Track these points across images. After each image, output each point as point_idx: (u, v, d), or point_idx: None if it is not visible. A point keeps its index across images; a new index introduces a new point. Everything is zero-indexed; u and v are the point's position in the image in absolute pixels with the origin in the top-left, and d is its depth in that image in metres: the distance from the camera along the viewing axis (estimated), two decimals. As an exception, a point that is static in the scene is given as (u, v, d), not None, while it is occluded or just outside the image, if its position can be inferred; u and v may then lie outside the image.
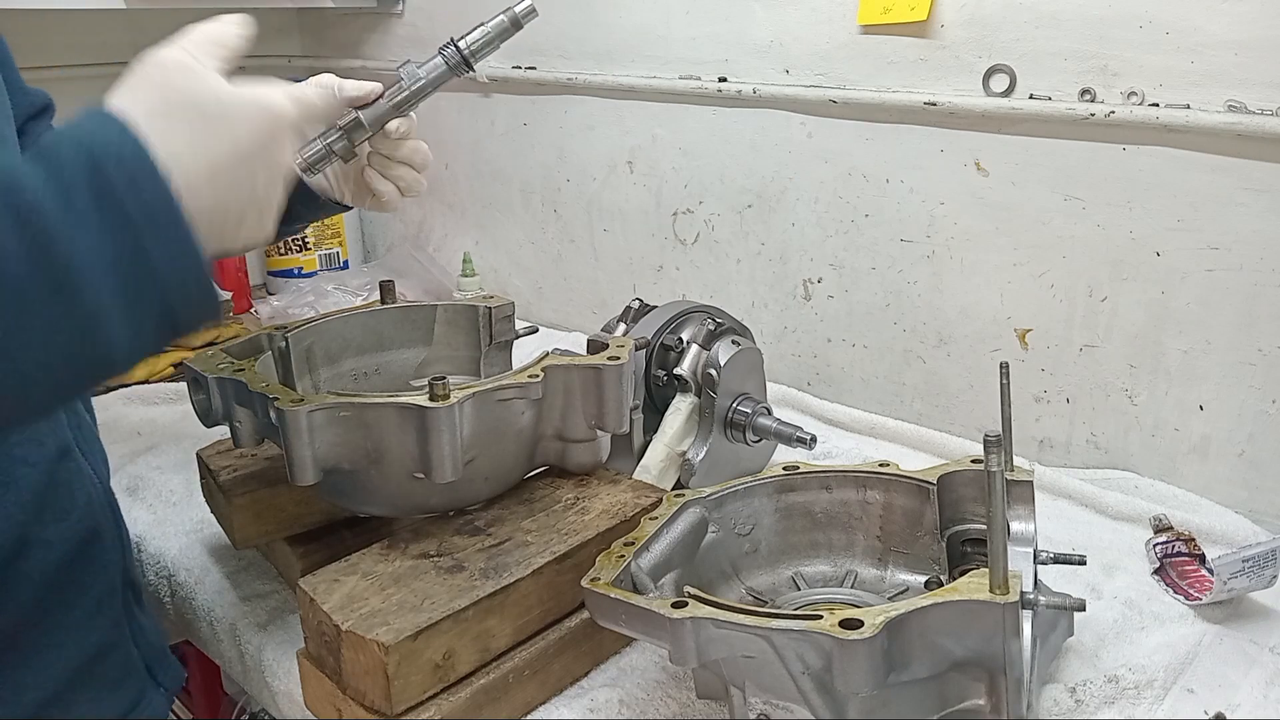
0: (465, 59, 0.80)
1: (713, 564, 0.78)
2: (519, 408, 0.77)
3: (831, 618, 0.56)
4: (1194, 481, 1.03)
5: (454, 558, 0.73)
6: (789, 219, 1.28)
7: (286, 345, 0.87)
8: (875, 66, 1.14)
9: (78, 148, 0.48)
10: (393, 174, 0.81)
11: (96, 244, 0.47)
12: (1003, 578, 0.56)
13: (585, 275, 1.57)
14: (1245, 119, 0.90)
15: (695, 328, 1.01)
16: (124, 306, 0.48)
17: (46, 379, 0.47)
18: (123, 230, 0.47)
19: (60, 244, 0.46)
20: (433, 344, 1.00)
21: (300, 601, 0.70)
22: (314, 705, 0.72)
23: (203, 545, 0.97)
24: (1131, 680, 0.74)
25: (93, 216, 0.47)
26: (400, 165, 0.81)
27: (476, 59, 0.80)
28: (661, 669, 0.77)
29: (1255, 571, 0.79)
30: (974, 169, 1.10)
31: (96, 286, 0.47)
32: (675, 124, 1.36)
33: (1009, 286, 1.11)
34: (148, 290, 0.49)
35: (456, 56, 0.80)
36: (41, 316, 0.46)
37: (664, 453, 0.96)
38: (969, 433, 1.17)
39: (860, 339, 1.26)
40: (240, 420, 0.78)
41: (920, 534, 0.78)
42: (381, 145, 0.80)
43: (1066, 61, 1.01)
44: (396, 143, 0.80)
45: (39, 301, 0.45)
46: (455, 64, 0.80)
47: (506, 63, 1.53)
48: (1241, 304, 0.96)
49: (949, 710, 0.62)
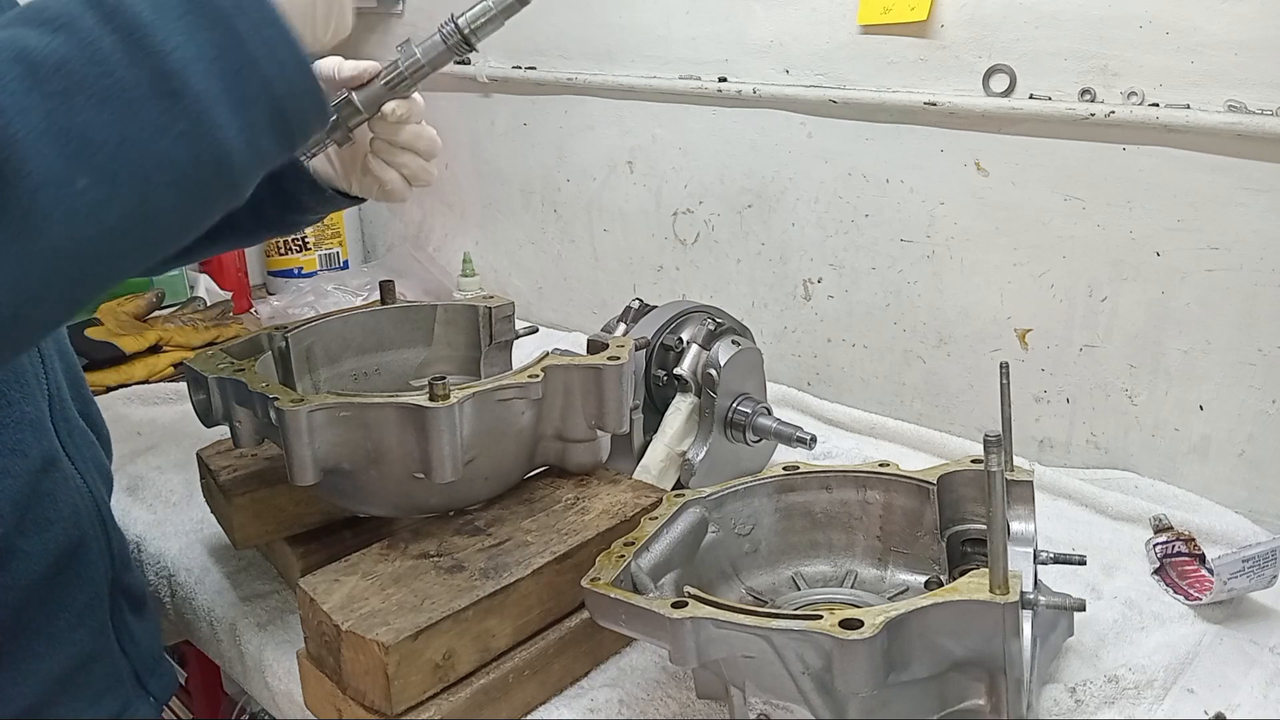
0: (465, 37, 0.75)
1: (713, 564, 0.78)
2: (519, 408, 0.77)
3: (831, 618, 0.56)
4: (1194, 481, 1.03)
5: (454, 558, 0.73)
6: (789, 219, 1.28)
7: (286, 345, 0.87)
8: (875, 66, 1.14)
9: None
10: (396, 161, 0.80)
11: (191, 38, 0.46)
12: (1003, 578, 0.56)
13: (585, 275, 1.57)
14: (1245, 119, 0.90)
15: (695, 328, 1.01)
16: (232, 101, 0.47)
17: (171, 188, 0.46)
18: (216, 24, 0.47)
19: (154, 39, 0.45)
20: (433, 344, 1.00)
21: (300, 601, 0.70)
22: (314, 705, 0.72)
23: (203, 545, 0.97)
24: (1131, 680, 0.74)
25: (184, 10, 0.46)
26: (404, 152, 0.80)
27: (478, 37, 0.75)
28: (661, 669, 0.77)
29: (1255, 571, 0.79)
30: (974, 169, 1.10)
31: (201, 82, 0.46)
32: (675, 124, 1.36)
33: (1009, 286, 1.11)
34: (252, 82, 0.48)
35: (456, 35, 0.75)
36: (149, 112, 0.45)
37: (664, 453, 0.96)
38: (969, 433, 1.17)
39: (860, 339, 1.26)
40: (240, 420, 0.78)
41: (920, 534, 0.78)
42: (381, 129, 0.79)
43: (1066, 61, 1.01)
44: (396, 127, 0.79)
45: (143, 96, 0.45)
46: (454, 43, 0.75)
47: (506, 63, 1.53)
48: (1241, 304, 0.96)
49: (949, 710, 0.62)
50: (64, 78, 0.43)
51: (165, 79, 0.45)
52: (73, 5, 0.45)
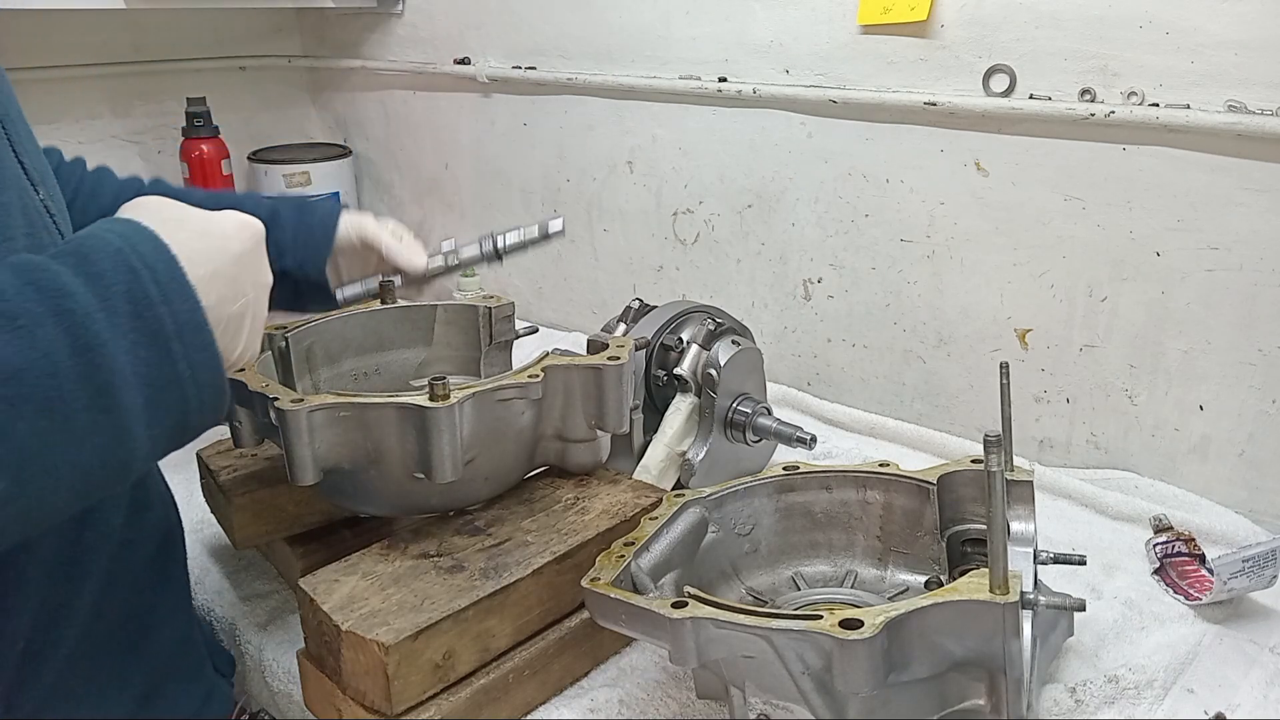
0: (498, 252, 0.94)
1: (713, 564, 0.78)
2: (519, 408, 0.77)
3: (831, 618, 0.56)
4: (1194, 481, 1.03)
5: (454, 558, 0.73)
6: (789, 219, 1.28)
7: (286, 345, 0.87)
8: (875, 66, 1.14)
9: (116, 256, 0.50)
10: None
11: (132, 355, 0.48)
12: (1003, 578, 0.56)
13: (585, 275, 1.57)
14: (1245, 119, 0.90)
15: (695, 328, 1.01)
16: (149, 416, 0.50)
17: (73, 485, 0.48)
18: (155, 342, 0.49)
19: (105, 354, 0.47)
20: (433, 344, 1.00)
21: (300, 601, 0.70)
22: (314, 705, 0.72)
23: (203, 545, 0.97)
24: (1131, 680, 0.74)
25: (131, 327, 0.48)
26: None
27: (506, 255, 0.94)
28: (661, 669, 0.77)
29: (1255, 571, 0.79)
30: (974, 169, 1.10)
31: (130, 396, 0.48)
32: (675, 124, 1.36)
33: (1009, 286, 1.11)
34: (172, 399, 0.51)
35: (491, 250, 0.93)
36: (80, 426, 0.47)
37: (664, 453, 0.96)
38: (969, 433, 1.17)
39: (860, 339, 1.26)
40: (240, 420, 0.78)
41: (920, 534, 0.78)
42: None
43: (1066, 61, 1.01)
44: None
45: (81, 411, 0.47)
46: (488, 254, 0.94)
47: (506, 63, 1.53)
48: (1241, 304, 0.96)
49: (949, 710, 0.62)
50: (15, 385, 0.44)
51: (103, 394, 0.47)
52: (34, 304, 0.46)
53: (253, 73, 1.82)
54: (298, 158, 1.71)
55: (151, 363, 0.49)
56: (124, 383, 0.48)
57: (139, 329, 0.49)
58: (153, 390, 0.49)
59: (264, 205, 0.96)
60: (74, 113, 1.58)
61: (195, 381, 0.52)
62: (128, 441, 0.49)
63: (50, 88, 1.05)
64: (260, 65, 1.82)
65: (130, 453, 0.50)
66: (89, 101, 1.61)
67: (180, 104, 1.60)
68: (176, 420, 0.52)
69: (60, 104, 1.58)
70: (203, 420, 0.54)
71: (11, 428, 0.44)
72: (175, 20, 1.68)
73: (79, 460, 0.47)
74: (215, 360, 0.53)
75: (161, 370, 0.50)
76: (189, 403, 0.52)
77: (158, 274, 0.50)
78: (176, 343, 0.50)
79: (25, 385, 0.45)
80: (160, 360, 0.50)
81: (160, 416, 0.50)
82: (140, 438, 0.50)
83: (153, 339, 0.49)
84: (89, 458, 0.48)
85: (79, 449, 0.47)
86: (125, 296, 0.49)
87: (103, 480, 0.50)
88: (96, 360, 0.47)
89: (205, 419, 0.54)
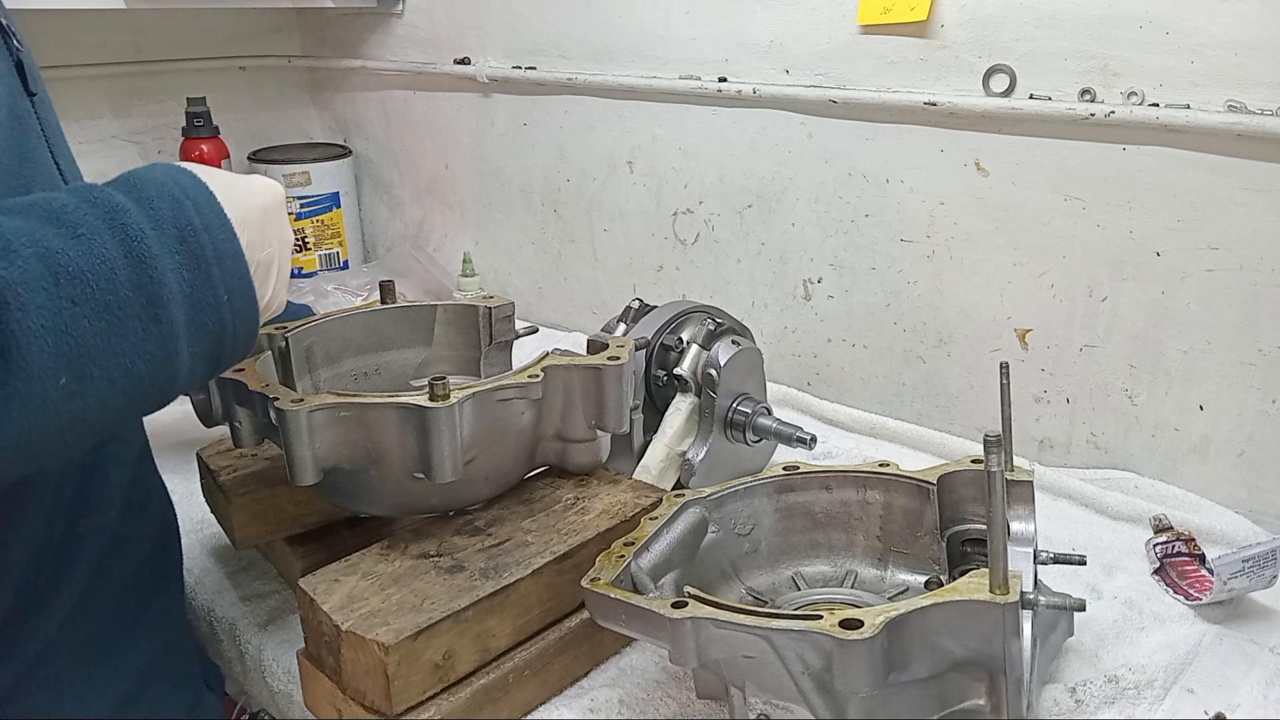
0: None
1: (713, 564, 0.78)
2: (519, 408, 0.77)
3: (831, 618, 0.56)
4: (1194, 481, 1.03)
5: (454, 558, 0.73)
6: (789, 219, 1.28)
7: (286, 345, 0.87)
8: (875, 66, 1.14)
9: (161, 187, 0.54)
10: None
11: (178, 274, 0.52)
12: (1003, 578, 0.56)
13: (585, 275, 1.57)
14: (1245, 119, 0.90)
15: (695, 328, 1.01)
16: (191, 333, 0.53)
17: (126, 390, 0.51)
18: (198, 265, 0.53)
19: (156, 268, 0.51)
20: (433, 344, 1.00)
21: (300, 601, 0.70)
22: (314, 705, 0.72)
23: (203, 545, 0.97)
24: (1131, 680, 0.74)
25: (177, 249, 0.52)
26: None
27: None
28: (661, 669, 0.77)
29: (1255, 571, 0.79)
30: (974, 169, 1.10)
31: (177, 311, 0.52)
32: (675, 124, 1.36)
33: (1009, 286, 1.11)
34: (211, 321, 0.54)
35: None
36: (135, 332, 0.50)
37: (664, 453, 0.96)
38: (969, 433, 1.17)
39: (860, 339, 1.26)
40: (240, 420, 0.78)
41: (920, 534, 0.78)
42: None
43: (1066, 61, 1.01)
44: None
45: (134, 318, 0.50)
46: None
47: (506, 63, 1.53)
48: (1241, 304, 0.96)
49: (949, 710, 0.62)
50: (79, 285, 0.48)
51: (154, 305, 0.51)
52: (93, 218, 0.50)
53: (253, 73, 1.82)
54: (298, 158, 1.71)
55: (195, 284, 0.53)
56: (171, 297, 0.51)
57: (184, 251, 0.52)
58: (195, 310, 0.53)
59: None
60: (74, 113, 1.58)
61: (232, 308, 0.55)
62: (174, 355, 0.52)
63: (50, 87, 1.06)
64: (260, 65, 1.82)
65: (175, 367, 0.53)
66: (89, 101, 1.61)
67: (180, 104, 1.60)
68: (214, 343, 0.55)
69: (60, 104, 1.56)
70: (236, 348, 0.57)
71: (75, 325, 0.47)
72: (175, 20, 1.68)
73: (133, 366, 0.50)
74: (249, 289, 0.56)
75: (204, 292, 0.53)
76: (225, 327, 0.55)
77: (199, 205, 0.54)
78: (216, 268, 0.54)
79: (87, 287, 0.48)
80: (202, 282, 0.53)
81: (200, 337, 0.54)
82: (184, 354, 0.53)
83: (196, 261, 0.53)
84: (141, 365, 0.51)
85: (133, 354, 0.50)
86: (172, 221, 0.52)
87: (151, 392, 0.53)
88: (149, 273, 0.50)
89: (238, 348, 0.58)
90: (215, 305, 0.54)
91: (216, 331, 0.55)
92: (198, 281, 0.53)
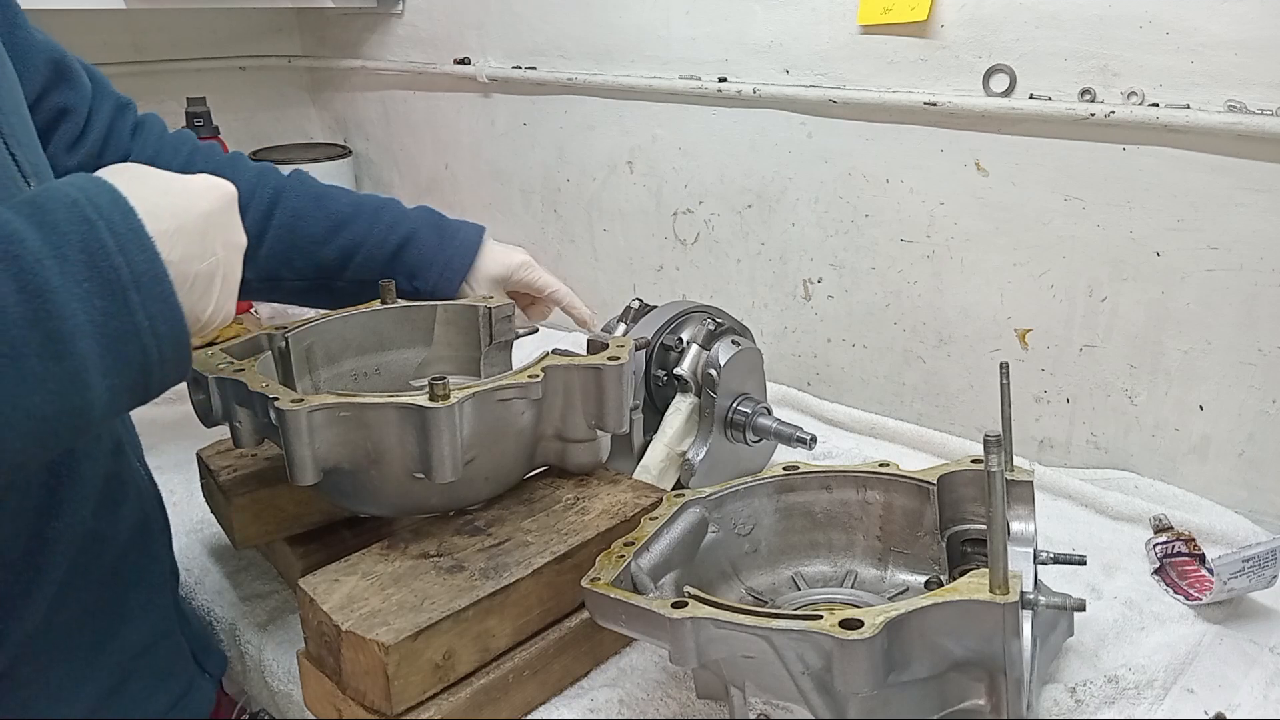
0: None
1: (713, 564, 0.78)
2: (519, 408, 0.77)
3: (831, 618, 0.56)
4: (1194, 481, 1.03)
5: (454, 558, 0.73)
6: (789, 219, 1.28)
7: (286, 345, 0.87)
8: (875, 66, 1.14)
9: (71, 208, 0.50)
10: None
11: (86, 303, 0.48)
12: (1003, 578, 0.56)
13: (585, 275, 1.57)
14: (1245, 119, 0.90)
15: (695, 328, 1.01)
16: (106, 365, 0.50)
17: (29, 432, 0.48)
18: (111, 291, 0.49)
19: (54, 301, 0.47)
20: (433, 344, 1.00)
21: (300, 601, 0.70)
22: (314, 705, 0.72)
23: (203, 545, 0.97)
24: (1131, 680, 0.74)
25: (85, 275, 0.48)
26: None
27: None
28: (661, 669, 0.77)
29: (1255, 571, 0.79)
30: (974, 169, 1.10)
31: (85, 344, 0.48)
32: (675, 124, 1.36)
33: (1009, 286, 1.11)
34: (131, 350, 0.51)
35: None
36: (32, 372, 0.47)
37: (664, 453, 0.96)
38: (969, 433, 1.17)
39: (860, 339, 1.26)
40: (240, 420, 0.78)
41: (920, 534, 0.78)
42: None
43: (1066, 61, 1.01)
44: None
45: (31, 357, 0.46)
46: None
47: (506, 63, 1.53)
48: (1241, 304, 0.96)
49: (949, 710, 0.62)
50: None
51: (55, 342, 0.47)
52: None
53: (253, 73, 1.82)
54: (298, 158, 1.71)
55: (108, 312, 0.49)
56: (77, 330, 0.48)
57: (93, 278, 0.49)
58: (109, 340, 0.49)
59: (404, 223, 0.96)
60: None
61: (155, 333, 0.52)
62: (84, 391, 0.49)
63: (50, 88, 1.08)
64: (260, 65, 1.82)
65: (87, 402, 0.49)
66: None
67: (180, 104, 1.60)
68: (137, 373, 0.52)
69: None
70: (165, 375, 0.54)
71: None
72: (175, 20, 1.69)
73: (33, 407, 0.47)
74: (175, 312, 0.53)
75: (119, 320, 0.50)
76: (149, 355, 0.52)
77: (114, 225, 0.50)
78: (134, 292, 0.50)
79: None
80: (117, 310, 0.50)
81: (118, 367, 0.50)
82: (97, 387, 0.49)
83: (108, 288, 0.49)
84: (43, 404, 0.48)
85: (31, 395, 0.47)
86: (79, 246, 0.48)
87: (61, 430, 0.50)
88: (47, 306, 0.47)
89: (168, 373, 0.54)
90: (135, 333, 0.50)
91: (138, 360, 0.51)
92: (112, 310, 0.49)
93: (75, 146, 0.84)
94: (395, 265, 0.96)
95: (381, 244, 0.96)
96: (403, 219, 0.98)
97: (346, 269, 0.96)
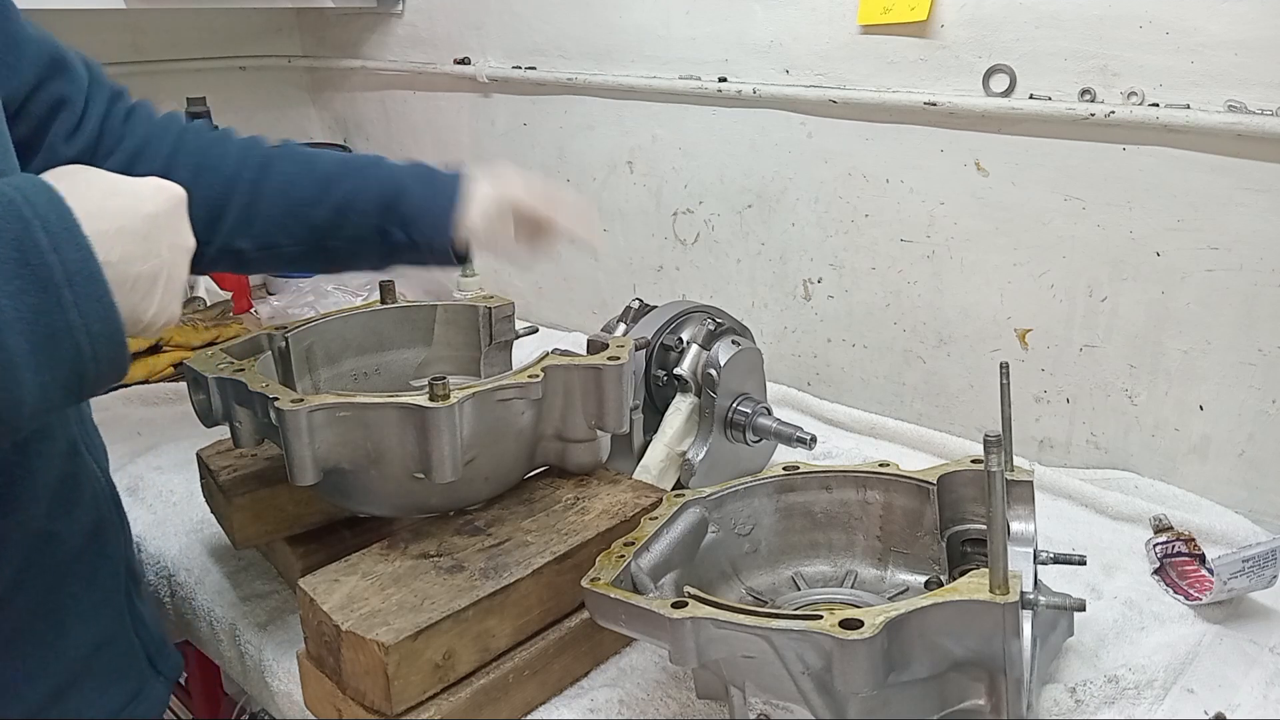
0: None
1: (713, 564, 0.78)
2: (519, 408, 0.77)
3: (831, 618, 0.56)
4: (1194, 481, 1.03)
5: (454, 558, 0.73)
6: (789, 219, 1.28)
7: (286, 345, 0.87)
8: (875, 66, 1.14)
9: (7, 206, 0.50)
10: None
11: (16, 300, 0.48)
12: (1003, 578, 0.56)
13: (585, 275, 1.57)
14: (1245, 119, 0.90)
15: (695, 328, 1.01)
16: (37, 362, 0.50)
17: None
18: (43, 289, 0.49)
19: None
20: (433, 344, 1.00)
21: (300, 601, 0.70)
22: (314, 705, 0.72)
23: (203, 545, 0.97)
24: (1131, 680, 0.74)
25: (15, 273, 0.48)
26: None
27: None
28: (661, 669, 0.77)
29: (1255, 571, 0.79)
30: (974, 169, 1.10)
31: (13, 340, 0.48)
32: (675, 124, 1.36)
33: (1009, 286, 1.11)
34: (63, 348, 0.51)
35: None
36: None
37: (664, 453, 0.96)
38: (969, 433, 1.17)
39: (860, 339, 1.26)
40: (240, 420, 0.78)
41: (920, 534, 0.78)
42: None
43: (1066, 61, 1.01)
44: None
45: None
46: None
47: (506, 63, 1.53)
48: (1241, 304, 0.96)
49: (949, 710, 0.62)
50: None
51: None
52: None
53: (253, 73, 1.82)
54: (298, 158, 1.70)
55: (39, 309, 0.49)
56: (5, 325, 0.48)
57: (24, 275, 0.49)
58: (39, 337, 0.49)
59: (394, 176, 0.96)
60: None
61: (88, 331, 0.51)
62: (13, 386, 0.49)
63: (50, 88, 1.08)
64: (260, 65, 1.82)
65: (17, 397, 0.49)
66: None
67: (180, 104, 1.59)
68: (69, 370, 0.52)
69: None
70: (100, 373, 0.54)
71: None
72: (175, 20, 1.68)
73: None
74: (110, 311, 0.52)
75: (50, 317, 0.50)
76: (82, 353, 0.52)
77: (49, 223, 0.50)
78: (67, 290, 0.50)
79: None
80: (48, 307, 0.50)
81: (50, 364, 0.50)
82: (28, 383, 0.49)
83: (40, 286, 0.49)
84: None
85: None
86: (13, 244, 0.49)
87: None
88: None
89: (103, 371, 0.54)
90: (67, 330, 0.50)
91: (71, 358, 0.51)
92: (43, 306, 0.49)
93: (73, 136, 0.84)
94: (388, 217, 0.95)
95: (374, 199, 0.96)
96: (392, 173, 0.98)
97: (342, 227, 0.95)
